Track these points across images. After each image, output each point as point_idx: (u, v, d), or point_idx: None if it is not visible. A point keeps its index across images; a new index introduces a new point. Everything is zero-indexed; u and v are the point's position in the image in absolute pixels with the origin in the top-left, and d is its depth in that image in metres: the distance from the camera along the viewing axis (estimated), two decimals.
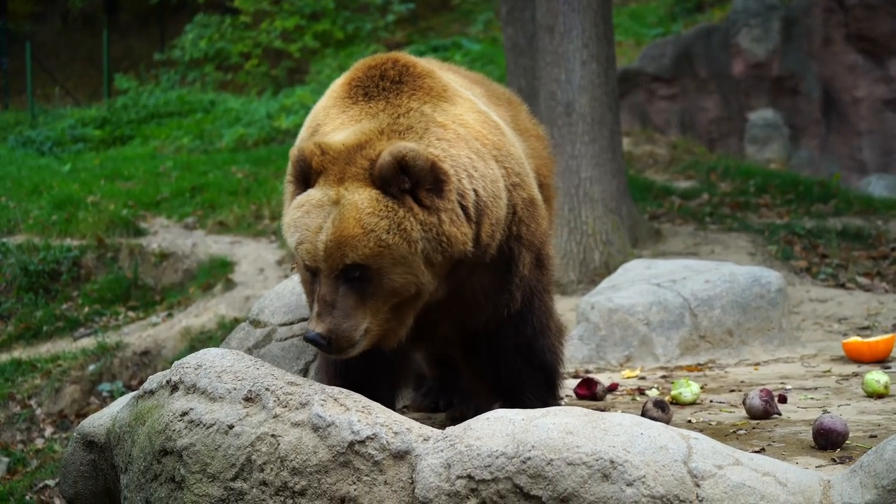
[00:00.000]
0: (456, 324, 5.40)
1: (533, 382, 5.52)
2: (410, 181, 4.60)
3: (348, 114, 5.09)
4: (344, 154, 4.73)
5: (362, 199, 4.60)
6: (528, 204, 5.25)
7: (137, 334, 14.32)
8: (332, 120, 5.15)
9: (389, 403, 5.19)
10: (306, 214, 4.69)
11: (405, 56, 5.32)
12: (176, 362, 5.05)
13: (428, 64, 5.48)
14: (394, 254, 4.58)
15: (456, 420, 5.68)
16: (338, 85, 5.32)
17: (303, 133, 5.36)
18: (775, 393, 6.15)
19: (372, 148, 4.72)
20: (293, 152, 4.83)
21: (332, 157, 4.72)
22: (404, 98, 5.06)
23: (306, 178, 4.79)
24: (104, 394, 13.29)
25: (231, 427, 4.61)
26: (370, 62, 5.27)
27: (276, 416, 4.57)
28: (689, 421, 5.82)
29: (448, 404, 6.37)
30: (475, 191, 4.82)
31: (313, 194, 4.72)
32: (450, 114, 5.05)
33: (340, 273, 4.62)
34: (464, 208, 4.75)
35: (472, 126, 5.07)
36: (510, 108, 6.49)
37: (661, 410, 5.58)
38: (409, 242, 4.59)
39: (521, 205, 5.19)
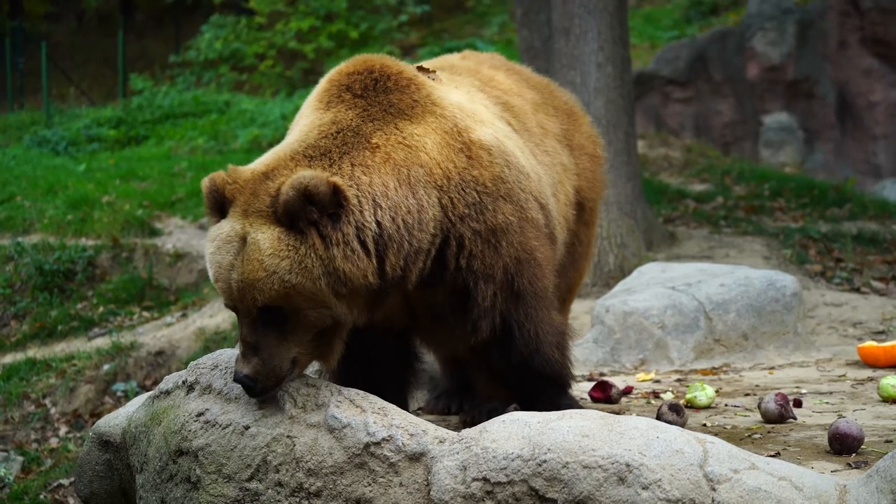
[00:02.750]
0: (443, 336, 5.39)
1: (540, 389, 5.47)
2: (317, 209, 4.50)
3: (307, 120, 4.99)
4: (251, 183, 4.62)
5: (264, 238, 4.50)
6: (489, 234, 5.06)
7: (152, 334, 14.36)
8: (299, 121, 5.11)
9: (401, 405, 5.19)
10: (218, 250, 4.61)
11: (387, 66, 5.17)
12: (192, 363, 5.06)
13: (416, 72, 5.29)
14: (301, 292, 4.50)
15: (467, 423, 5.67)
16: (322, 81, 5.20)
17: (291, 127, 5.30)
18: (790, 397, 6.13)
19: (275, 179, 4.60)
20: (204, 182, 4.73)
21: (240, 186, 4.63)
22: (352, 113, 4.93)
23: (220, 207, 4.69)
24: (118, 393, 13.33)
25: (247, 428, 4.62)
26: (350, 68, 5.15)
27: (291, 418, 4.58)
28: (704, 425, 5.81)
29: (461, 408, 6.36)
30: (378, 223, 4.66)
31: (223, 227, 4.62)
32: (402, 134, 4.91)
33: (256, 315, 4.56)
34: (362, 242, 4.62)
35: (424, 149, 4.92)
36: (569, 121, 6.37)
37: (676, 414, 5.57)
38: (312, 280, 4.49)
39: (471, 237, 5.00)
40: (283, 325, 4.57)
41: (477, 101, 5.49)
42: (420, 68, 5.47)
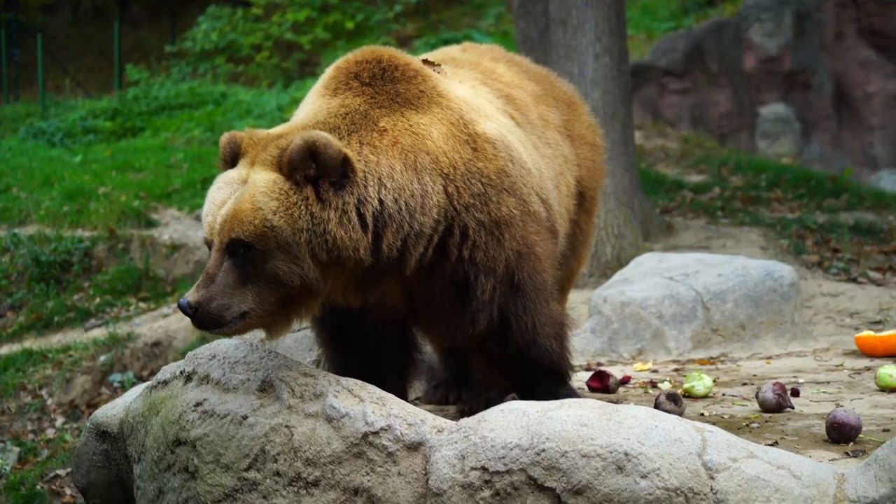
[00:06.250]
0: (441, 326, 5.39)
1: (538, 379, 5.48)
2: (318, 170, 4.59)
3: (312, 106, 5.09)
4: (264, 140, 4.77)
5: (261, 179, 4.60)
6: (492, 226, 5.07)
7: (148, 325, 14.34)
8: (303, 108, 5.19)
9: (400, 395, 5.18)
10: (217, 189, 4.74)
11: (395, 57, 5.24)
12: (190, 353, 5.07)
13: (422, 64, 5.36)
14: (277, 237, 4.54)
15: (465, 413, 5.67)
16: (328, 70, 5.29)
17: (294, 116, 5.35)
18: (788, 387, 6.14)
19: (287, 138, 4.73)
20: (224, 136, 4.88)
21: (254, 142, 4.78)
22: (359, 100, 5.01)
23: (234, 159, 4.83)
24: (115, 384, 13.31)
25: (245, 418, 4.63)
26: (358, 57, 5.21)
27: (289, 407, 4.59)
28: (702, 414, 5.82)
29: (459, 397, 6.36)
30: (381, 201, 4.73)
31: (230, 172, 4.77)
32: (408, 122, 4.98)
33: (226, 247, 4.59)
34: (361, 215, 4.69)
35: (430, 138, 4.97)
36: (568, 111, 6.41)
37: (674, 403, 5.57)
38: (294, 230, 4.55)
39: (475, 228, 5.03)
40: (248, 268, 4.59)
41: (481, 96, 5.55)
42: (426, 61, 5.51)
